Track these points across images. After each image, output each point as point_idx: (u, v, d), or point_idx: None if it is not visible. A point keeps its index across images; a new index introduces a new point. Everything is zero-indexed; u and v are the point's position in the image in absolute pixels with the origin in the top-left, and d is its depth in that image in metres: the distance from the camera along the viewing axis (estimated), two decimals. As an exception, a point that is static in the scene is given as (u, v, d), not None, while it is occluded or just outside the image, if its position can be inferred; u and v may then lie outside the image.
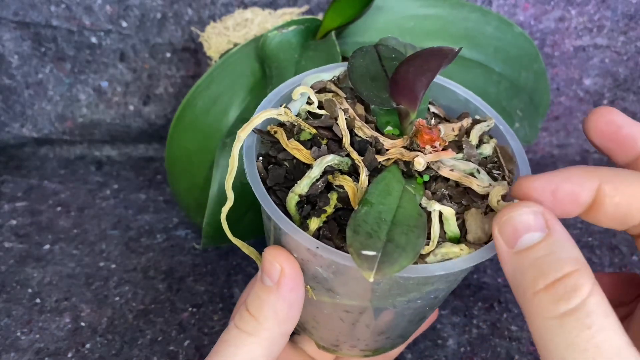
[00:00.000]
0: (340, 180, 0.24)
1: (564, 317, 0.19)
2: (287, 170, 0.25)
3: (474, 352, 0.39)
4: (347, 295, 0.25)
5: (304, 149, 0.25)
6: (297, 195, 0.24)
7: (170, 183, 0.45)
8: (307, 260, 0.24)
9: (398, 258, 0.20)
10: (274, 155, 0.26)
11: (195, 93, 0.40)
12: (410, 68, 0.25)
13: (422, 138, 0.25)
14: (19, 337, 0.38)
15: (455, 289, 0.43)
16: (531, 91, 0.46)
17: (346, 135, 0.25)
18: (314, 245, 0.22)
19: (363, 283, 0.24)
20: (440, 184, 0.25)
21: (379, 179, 0.24)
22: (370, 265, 0.20)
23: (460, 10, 0.44)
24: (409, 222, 0.22)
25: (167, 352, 0.38)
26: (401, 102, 0.26)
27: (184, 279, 0.44)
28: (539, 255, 0.20)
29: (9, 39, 0.52)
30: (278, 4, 0.52)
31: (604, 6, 0.53)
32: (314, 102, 0.26)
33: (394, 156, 0.25)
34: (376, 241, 0.21)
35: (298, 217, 0.24)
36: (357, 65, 0.28)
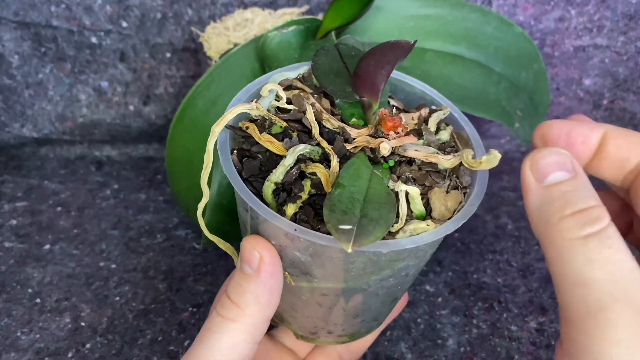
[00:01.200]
0: (312, 167, 0.25)
1: (588, 237, 0.21)
2: (261, 162, 0.26)
3: (474, 352, 0.39)
4: (324, 278, 0.26)
5: (276, 141, 0.26)
6: (273, 183, 0.25)
7: (170, 183, 0.45)
8: (285, 246, 0.25)
9: (372, 230, 0.22)
10: (247, 149, 0.27)
11: (195, 93, 0.40)
12: (371, 62, 0.27)
13: (385, 125, 0.27)
14: (19, 337, 0.38)
15: (455, 289, 0.43)
16: (531, 91, 0.46)
17: (315, 126, 0.27)
18: (292, 228, 0.23)
19: (339, 263, 0.25)
20: (404, 168, 0.27)
21: (348, 164, 0.25)
22: (348, 237, 0.21)
23: (460, 10, 0.44)
24: (379, 200, 0.24)
25: (167, 352, 0.38)
26: (364, 94, 0.28)
27: (184, 279, 0.44)
28: (566, 190, 0.23)
29: (9, 39, 0.52)
30: (278, 4, 0.52)
31: (604, 6, 0.53)
32: (283, 97, 0.28)
33: (360, 144, 0.27)
34: (351, 217, 0.22)
35: (275, 205, 0.25)
36: (321, 62, 0.30)
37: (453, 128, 0.30)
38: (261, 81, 0.30)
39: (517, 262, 0.46)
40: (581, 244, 0.21)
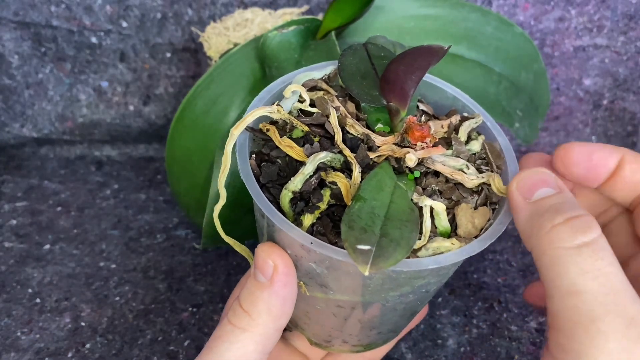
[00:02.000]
0: (333, 177, 0.24)
1: (581, 247, 0.21)
2: (280, 167, 0.25)
3: (474, 352, 0.39)
4: (340, 291, 0.25)
5: (297, 146, 0.25)
6: (291, 192, 0.24)
7: (170, 183, 0.45)
8: (301, 257, 0.24)
9: (393, 252, 0.21)
10: (266, 153, 0.26)
11: (195, 93, 0.40)
12: (401, 66, 0.25)
13: (413, 135, 0.25)
14: (19, 337, 0.38)
15: (455, 289, 0.43)
16: (531, 91, 0.46)
17: (338, 132, 0.25)
18: (308, 241, 0.22)
19: (356, 278, 0.24)
20: (430, 180, 0.26)
21: (371, 175, 0.24)
22: (365, 259, 0.20)
23: (460, 10, 0.44)
24: (401, 217, 0.23)
25: (167, 352, 0.38)
26: (391, 99, 0.26)
27: (184, 279, 0.44)
28: (555, 202, 0.23)
29: (9, 39, 0.52)
30: (278, 4, 0.52)
31: (604, 6, 0.53)
32: (306, 99, 0.27)
33: (385, 153, 0.25)
34: (371, 236, 0.21)
35: (292, 214, 0.24)
36: (347, 63, 0.28)
37: (485, 138, 0.29)
38: (285, 80, 0.29)
39: (517, 262, 0.46)
40: (575, 253, 0.21)
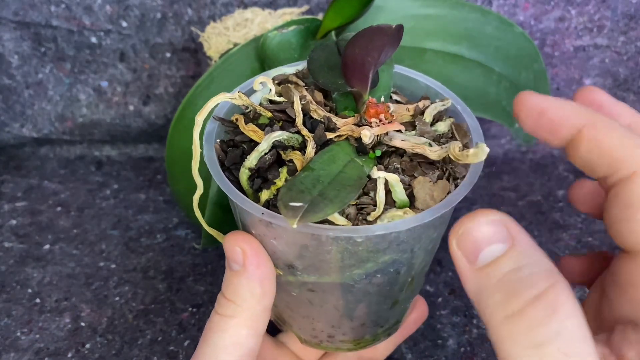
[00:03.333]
0: (290, 155, 0.25)
1: (543, 346, 0.17)
2: (243, 151, 0.26)
3: (474, 352, 0.39)
4: (306, 270, 0.26)
5: (260, 130, 0.26)
6: (247, 169, 0.25)
7: (170, 183, 0.45)
8: (264, 235, 0.25)
9: (324, 208, 0.22)
10: (232, 139, 0.27)
11: (195, 93, 0.40)
12: (356, 49, 0.26)
13: (368, 112, 0.26)
14: (19, 337, 0.38)
15: (455, 289, 0.43)
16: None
17: (299, 115, 0.27)
18: (259, 212, 0.23)
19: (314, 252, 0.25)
20: (394, 158, 0.26)
21: (325, 150, 0.25)
22: (295, 214, 0.21)
23: (460, 10, 0.44)
24: (344, 183, 0.24)
25: (167, 352, 0.38)
26: (354, 84, 0.27)
27: (184, 279, 0.44)
28: (505, 271, 0.18)
29: (9, 39, 0.52)
30: (278, 4, 0.52)
31: (604, 6, 0.52)
32: (272, 89, 0.28)
33: (345, 133, 0.26)
34: (306, 195, 0.22)
35: (251, 191, 0.25)
36: (316, 57, 0.30)
37: (455, 120, 0.29)
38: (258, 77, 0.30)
39: (517, 262, 0.46)
40: (535, 354, 0.17)
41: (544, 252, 0.19)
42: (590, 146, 0.22)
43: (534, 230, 0.49)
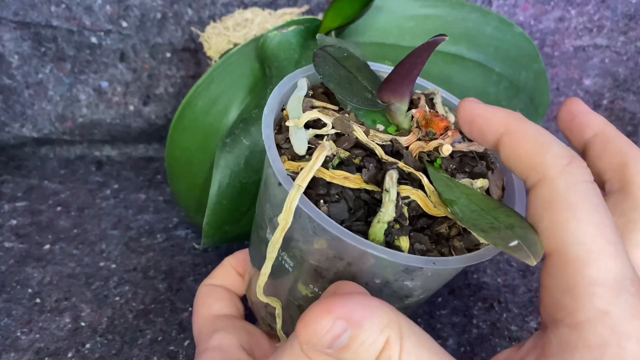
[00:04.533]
0: (402, 191, 0.24)
1: None
2: (348, 204, 0.24)
3: (474, 352, 0.39)
4: (421, 294, 0.26)
5: (351, 175, 0.24)
6: (386, 223, 0.23)
7: (170, 183, 0.45)
8: (393, 281, 0.24)
9: (534, 240, 0.21)
10: (324, 194, 0.24)
11: (195, 93, 0.40)
12: (406, 66, 0.26)
13: (437, 126, 0.26)
14: (19, 337, 0.38)
15: (455, 289, 0.43)
16: (531, 91, 0.46)
17: (376, 147, 0.25)
18: (430, 263, 0.22)
19: (446, 278, 0.25)
20: (446, 162, 0.26)
21: (433, 177, 0.24)
22: (524, 253, 0.21)
23: (460, 10, 0.44)
24: (490, 205, 0.23)
25: (167, 352, 0.38)
26: (391, 99, 0.27)
27: (184, 279, 0.44)
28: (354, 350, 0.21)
29: (9, 39, 0.52)
30: (278, 4, 0.52)
31: (604, 6, 0.53)
32: (328, 124, 0.25)
33: (416, 151, 0.26)
34: (505, 231, 0.22)
35: (385, 244, 0.23)
36: (327, 73, 0.27)
37: None
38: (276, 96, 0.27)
39: (517, 262, 0.46)
40: None
41: (385, 308, 0.21)
42: (507, 152, 0.23)
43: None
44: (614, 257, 0.20)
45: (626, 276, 0.20)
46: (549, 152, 0.22)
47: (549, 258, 0.22)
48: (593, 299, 0.20)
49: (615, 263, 0.20)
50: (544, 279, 0.22)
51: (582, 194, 0.21)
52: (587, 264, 0.20)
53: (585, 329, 0.20)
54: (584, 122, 0.28)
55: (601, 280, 0.20)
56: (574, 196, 0.21)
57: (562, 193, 0.21)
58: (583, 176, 0.22)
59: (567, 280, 0.21)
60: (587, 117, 0.28)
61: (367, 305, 0.21)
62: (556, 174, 0.21)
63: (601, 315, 0.20)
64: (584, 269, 0.20)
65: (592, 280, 0.20)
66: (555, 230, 0.21)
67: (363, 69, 0.29)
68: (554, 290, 0.21)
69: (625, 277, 0.20)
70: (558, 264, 0.21)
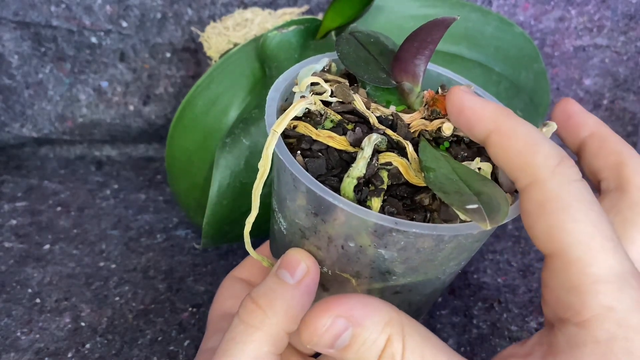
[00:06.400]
0: (385, 157, 0.24)
1: None
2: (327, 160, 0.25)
3: (474, 352, 0.39)
4: (404, 274, 0.25)
5: (337, 136, 0.25)
6: (355, 178, 0.23)
7: (170, 183, 0.45)
8: (368, 245, 0.24)
9: (499, 205, 0.21)
10: (307, 148, 0.25)
11: (195, 93, 0.40)
12: (414, 43, 0.26)
13: (442, 105, 0.26)
14: (19, 337, 0.38)
15: (455, 289, 0.43)
16: (531, 91, 0.46)
17: (371, 115, 0.25)
18: (392, 222, 0.22)
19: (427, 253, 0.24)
20: (457, 147, 0.26)
21: (422, 148, 0.24)
22: (481, 216, 0.20)
23: (460, 10, 0.44)
24: (474, 177, 0.23)
25: (167, 352, 0.38)
26: (404, 79, 0.27)
27: (184, 279, 0.44)
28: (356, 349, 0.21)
29: (9, 39, 0.52)
30: (278, 4, 0.52)
31: (604, 6, 0.53)
32: (327, 90, 0.26)
33: (417, 128, 0.26)
34: (469, 196, 0.21)
35: (356, 202, 0.23)
36: (347, 52, 0.28)
37: None
38: (287, 77, 0.28)
39: (517, 262, 0.46)
40: None
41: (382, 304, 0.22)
42: (496, 151, 0.23)
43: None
44: (613, 254, 0.21)
45: (627, 271, 0.21)
46: (539, 152, 0.22)
47: (549, 259, 0.22)
48: (598, 297, 0.20)
49: (615, 259, 0.21)
50: (547, 278, 0.22)
51: (575, 194, 0.21)
52: (588, 263, 0.20)
53: (592, 325, 0.20)
54: (580, 122, 0.28)
55: (604, 277, 0.20)
56: (568, 197, 0.21)
57: (556, 195, 0.21)
58: (574, 175, 0.22)
59: (570, 280, 0.21)
60: (582, 116, 0.28)
61: (367, 304, 0.22)
62: (548, 176, 0.21)
63: (607, 311, 0.20)
64: (586, 268, 0.20)
65: (595, 279, 0.20)
66: (552, 233, 0.21)
67: (387, 54, 0.29)
68: (558, 289, 0.21)
69: (626, 272, 0.21)
70: (560, 265, 0.21)
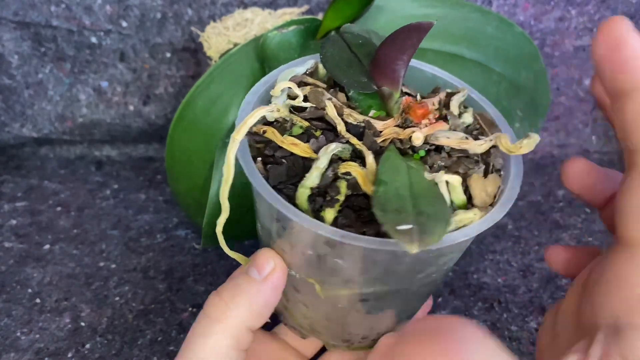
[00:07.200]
0: (345, 167, 0.24)
1: None
2: (287, 167, 0.25)
3: (474, 352, 0.39)
4: (367, 283, 0.25)
5: (301, 143, 0.24)
6: (308, 188, 0.23)
7: (170, 183, 0.45)
8: (325, 254, 0.24)
9: (434, 227, 0.20)
10: (270, 155, 0.25)
11: (195, 93, 0.40)
12: (392, 48, 0.25)
13: (415, 113, 0.25)
14: (19, 337, 0.38)
15: (455, 289, 0.43)
16: (531, 91, 0.46)
17: (340, 123, 0.25)
18: (338, 235, 0.22)
19: (385, 266, 0.23)
20: (435, 157, 0.25)
21: (384, 159, 0.23)
22: (410, 238, 0.20)
23: (460, 10, 0.44)
24: (427, 194, 0.22)
25: (167, 352, 0.38)
26: (383, 83, 0.26)
27: (184, 279, 0.44)
28: None
29: (9, 39, 0.52)
30: (278, 4, 0.52)
31: (604, 6, 0.53)
32: (299, 95, 0.26)
33: (389, 136, 0.25)
34: (408, 215, 0.20)
35: (310, 211, 0.23)
36: (330, 54, 0.28)
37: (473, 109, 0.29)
38: (267, 80, 0.28)
39: (517, 262, 0.46)
40: None
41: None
42: None
43: (533, 230, 0.49)
44: None
45: None
46: None
47: None
48: None
49: None
50: None
51: None
52: None
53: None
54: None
55: None
56: None
57: None
58: None
59: None
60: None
61: None
62: None
63: None
64: None
65: None
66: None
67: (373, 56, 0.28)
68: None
69: None
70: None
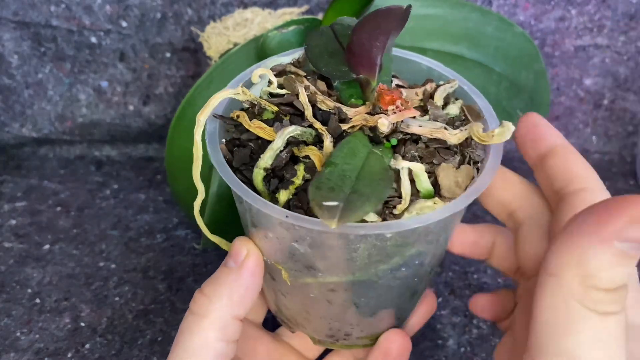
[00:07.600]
0: (305, 150, 0.24)
1: None
2: (252, 150, 0.25)
3: (474, 352, 0.39)
4: (328, 270, 0.25)
5: (267, 127, 0.25)
6: (262, 169, 0.24)
7: (170, 183, 0.45)
8: (282, 237, 0.24)
9: (361, 205, 0.20)
10: (237, 138, 0.26)
11: (195, 93, 0.40)
12: (364, 35, 0.25)
13: (383, 100, 0.25)
14: (18, 337, 0.38)
15: (455, 289, 0.43)
16: (531, 91, 0.46)
17: (308, 107, 0.25)
18: (283, 214, 0.22)
19: (341, 252, 0.23)
20: (410, 146, 0.25)
21: (343, 143, 0.23)
22: (332, 214, 0.20)
23: (460, 10, 0.44)
24: (373, 177, 0.22)
25: (167, 352, 0.38)
26: (360, 71, 0.26)
27: (184, 279, 0.44)
28: None
29: (9, 39, 0.52)
30: (278, 4, 0.52)
31: (604, 6, 0.52)
32: (274, 81, 0.27)
33: (358, 123, 0.25)
34: (339, 193, 0.21)
35: (267, 193, 0.24)
36: (314, 44, 0.28)
37: (464, 102, 0.28)
38: (253, 69, 0.28)
39: (518, 262, 0.46)
40: None
41: None
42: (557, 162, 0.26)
43: (534, 230, 0.49)
44: None
45: None
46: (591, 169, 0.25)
47: None
48: None
49: None
50: None
51: None
52: None
53: None
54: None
55: None
56: None
57: None
58: None
59: None
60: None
61: None
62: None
63: None
64: None
65: None
66: None
67: None
68: None
69: None
70: None
